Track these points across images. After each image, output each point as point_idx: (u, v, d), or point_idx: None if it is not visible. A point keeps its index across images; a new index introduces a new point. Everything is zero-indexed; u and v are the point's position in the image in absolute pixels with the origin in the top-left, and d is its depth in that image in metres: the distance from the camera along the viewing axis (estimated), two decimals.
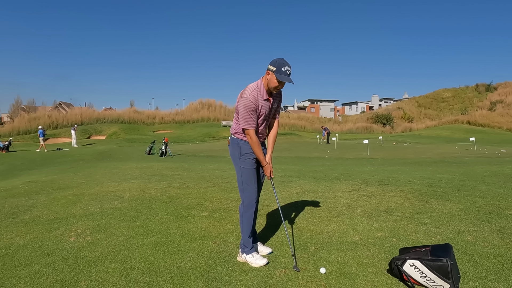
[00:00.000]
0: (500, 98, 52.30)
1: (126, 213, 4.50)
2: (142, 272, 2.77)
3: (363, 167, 9.15)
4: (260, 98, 2.83)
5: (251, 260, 2.90)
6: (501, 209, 4.14)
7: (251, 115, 2.79)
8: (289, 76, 2.76)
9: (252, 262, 2.89)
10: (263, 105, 2.86)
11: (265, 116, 2.93)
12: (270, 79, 2.79)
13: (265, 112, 2.90)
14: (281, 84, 2.81)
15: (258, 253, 3.01)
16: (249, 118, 2.80)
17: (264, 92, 2.85)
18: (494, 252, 2.95)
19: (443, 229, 3.55)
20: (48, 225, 4.05)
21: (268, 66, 2.79)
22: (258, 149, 2.88)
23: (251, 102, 2.78)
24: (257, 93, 2.82)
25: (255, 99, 2.80)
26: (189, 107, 53.13)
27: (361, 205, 4.60)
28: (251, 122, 2.81)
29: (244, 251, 2.96)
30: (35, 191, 6.35)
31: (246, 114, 2.79)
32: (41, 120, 38.10)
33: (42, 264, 2.95)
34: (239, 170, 2.99)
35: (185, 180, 7.08)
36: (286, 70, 2.74)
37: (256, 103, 2.80)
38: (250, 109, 2.78)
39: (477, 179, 6.37)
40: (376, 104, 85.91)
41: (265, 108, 2.88)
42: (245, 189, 2.97)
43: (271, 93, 2.90)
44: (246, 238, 2.97)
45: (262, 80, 2.86)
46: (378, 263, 2.84)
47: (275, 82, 2.77)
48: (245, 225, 2.98)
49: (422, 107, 61.40)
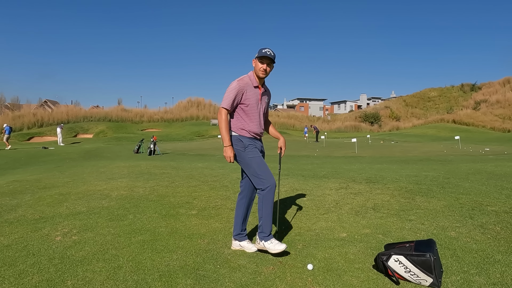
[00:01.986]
0: (484, 98, 53.53)
1: (114, 212, 4.46)
2: (129, 270, 2.76)
3: (351, 165, 9.26)
4: (249, 84, 3.02)
5: (269, 246, 2.93)
6: (483, 206, 4.26)
7: (232, 96, 2.96)
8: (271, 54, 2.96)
9: (271, 248, 2.92)
10: (252, 92, 3.02)
11: (253, 106, 3.03)
12: (255, 64, 3.02)
13: (254, 100, 3.03)
14: (265, 62, 2.96)
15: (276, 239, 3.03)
16: (229, 98, 2.96)
17: (254, 80, 3.04)
18: (476, 247, 3.04)
19: (428, 225, 3.63)
20: (33, 225, 3.98)
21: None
22: (225, 129, 2.98)
23: (238, 84, 2.99)
24: (248, 79, 3.03)
25: (243, 82, 3.01)
26: (178, 105, 52.77)
27: (348, 203, 4.66)
28: (229, 102, 2.96)
29: (262, 238, 2.99)
30: (20, 190, 6.22)
31: (229, 93, 2.97)
32: (26, 118, 37.28)
33: (27, 264, 2.91)
34: (249, 162, 3.01)
35: (174, 178, 7.05)
36: (266, 51, 2.96)
37: (243, 86, 2.99)
38: (234, 90, 2.96)
39: (461, 176, 6.52)
40: (364, 103, 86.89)
41: (253, 96, 3.03)
42: (261, 175, 2.98)
43: (262, 85, 3.10)
44: (268, 225, 2.99)
45: (252, 72, 3.08)
46: (365, 259, 2.89)
47: (259, 64, 2.98)
48: (268, 211, 2.97)
49: (409, 106, 62.38)
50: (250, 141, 3.06)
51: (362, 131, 47.77)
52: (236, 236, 3.17)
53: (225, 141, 2.99)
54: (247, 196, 3.15)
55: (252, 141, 3.08)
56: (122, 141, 29.03)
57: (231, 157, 2.99)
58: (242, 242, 3.15)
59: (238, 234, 3.16)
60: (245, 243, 3.15)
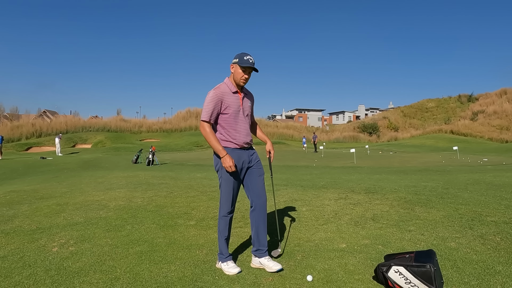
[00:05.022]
0: (481, 109, 53.84)
1: (112, 223, 4.43)
2: (127, 282, 2.73)
3: (350, 176, 9.25)
4: (227, 91, 2.89)
5: (225, 268, 2.91)
6: (483, 216, 4.25)
7: (211, 107, 2.83)
8: (253, 64, 2.86)
9: (226, 270, 2.90)
10: (231, 99, 2.89)
11: (236, 113, 2.91)
12: (235, 71, 2.89)
13: (235, 108, 2.91)
14: (246, 72, 2.87)
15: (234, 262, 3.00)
16: (208, 109, 2.83)
17: (232, 86, 2.91)
18: (476, 258, 3.02)
19: (427, 236, 3.61)
20: (30, 236, 3.95)
21: (232, 62, 2.92)
22: (213, 139, 2.86)
23: (214, 93, 2.85)
24: (224, 87, 2.91)
25: (219, 90, 2.87)
26: (177, 115, 52.86)
27: (347, 213, 4.64)
28: (208, 114, 2.84)
29: (220, 259, 2.98)
30: (17, 200, 6.18)
31: (207, 104, 2.84)
32: (24, 128, 37.22)
33: (23, 275, 2.87)
34: (220, 182, 2.99)
35: (172, 189, 7.02)
36: (248, 59, 2.84)
37: (220, 95, 2.85)
38: (212, 101, 2.83)
39: (460, 187, 6.52)
40: (363, 113, 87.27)
41: (234, 102, 2.90)
42: (221, 197, 2.98)
43: (242, 89, 2.98)
44: (221, 246, 2.98)
45: (228, 78, 2.96)
46: (364, 270, 2.87)
47: (239, 72, 2.86)
48: (219, 235, 3.00)
49: (407, 117, 62.62)
50: (232, 155, 2.89)
51: (361, 141, 47.86)
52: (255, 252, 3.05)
53: (219, 152, 2.83)
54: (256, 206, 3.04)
55: (236, 155, 2.93)
56: (120, 151, 28.96)
57: (231, 166, 2.82)
58: (261, 259, 2.99)
59: (257, 249, 3.03)
60: (265, 261, 2.96)
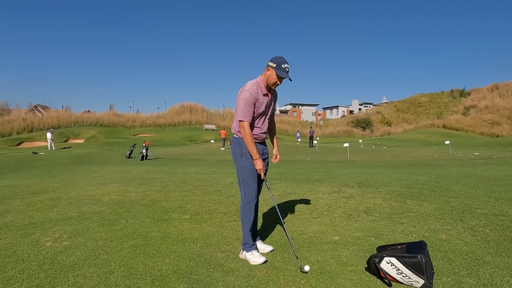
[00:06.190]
0: (473, 103, 54.42)
1: (105, 217, 4.42)
2: (121, 275, 2.73)
3: (343, 170, 9.32)
4: (259, 93, 2.96)
5: (250, 257, 2.95)
6: (473, 209, 4.32)
7: (249, 108, 2.90)
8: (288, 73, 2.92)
9: (251, 259, 2.94)
10: (262, 100, 2.98)
11: (263, 112, 3.03)
12: (269, 75, 2.93)
13: (264, 108, 3.01)
14: (280, 80, 2.95)
15: (258, 251, 3.06)
16: (246, 111, 2.90)
17: (263, 88, 2.99)
18: (466, 249, 3.08)
19: (419, 228, 3.67)
20: (23, 230, 3.92)
21: (268, 63, 2.94)
22: (251, 142, 2.92)
23: (251, 94, 2.89)
24: (257, 88, 2.95)
25: (254, 92, 2.92)
26: (171, 110, 52.59)
27: (341, 206, 4.69)
28: (247, 115, 2.90)
29: (244, 249, 3.02)
30: (9, 196, 6.12)
31: (244, 106, 2.89)
32: (15, 123, 36.77)
33: (16, 270, 2.86)
34: (239, 168, 3.04)
35: (166, 183, 7.01)
36: (285, 67, 2.90)
37: (256, 96, 2.92)
38: (249, 101, 2.89)
39: (452, 180, 6.61)
40: (356, 108, 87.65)
41: (263, 103, 2.99)
42: (245, 187, 3.02)
43: (270, 89, 3.04)
44: (246, 235, 3.02)
45: (261, 77, 3.00)
46: (357, 261, 2.91)
47: (274, 78, 2.91)
48: (245, 223, 3.03)
49: (400, 112, 63.07)
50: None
51: (354, 136, 48.14)
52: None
53: (253, 155, 2.92)
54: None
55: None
56: (113, 146, 28.76)
57: (261, 169, 2.94)
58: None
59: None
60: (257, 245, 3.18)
